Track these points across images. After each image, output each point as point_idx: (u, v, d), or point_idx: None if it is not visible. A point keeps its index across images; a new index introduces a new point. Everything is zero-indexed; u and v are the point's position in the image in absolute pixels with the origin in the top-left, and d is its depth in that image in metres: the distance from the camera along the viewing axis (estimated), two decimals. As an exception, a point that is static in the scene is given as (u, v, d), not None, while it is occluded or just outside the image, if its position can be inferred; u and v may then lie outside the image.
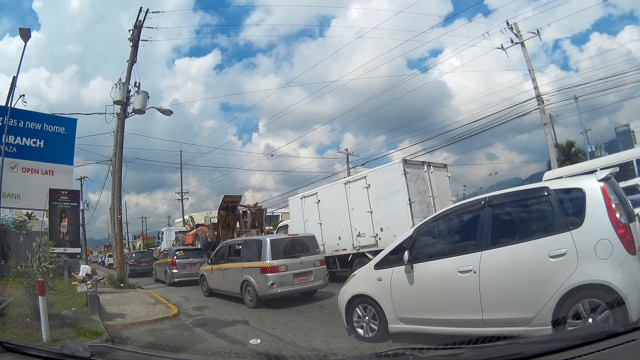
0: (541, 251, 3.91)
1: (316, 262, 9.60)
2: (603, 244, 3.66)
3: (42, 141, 16.67)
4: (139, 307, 9.90)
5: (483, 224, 4.45)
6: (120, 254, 16.67)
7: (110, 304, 10.34)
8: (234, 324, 7.37)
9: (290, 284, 8.99)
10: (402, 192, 10.00)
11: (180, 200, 40.12)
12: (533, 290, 3.88)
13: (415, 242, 4.96)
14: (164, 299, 11.48)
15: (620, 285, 3.49)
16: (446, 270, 4.54)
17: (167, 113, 17.93)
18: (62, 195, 14.71)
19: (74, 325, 6.75)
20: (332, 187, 12.79)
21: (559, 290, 3.70)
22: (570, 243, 3.77)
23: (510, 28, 21.60)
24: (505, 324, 3.98)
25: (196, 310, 9.40)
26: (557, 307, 3.70)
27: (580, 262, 3.69)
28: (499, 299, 4.12)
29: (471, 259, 4.32)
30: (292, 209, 14.30)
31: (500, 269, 4.16)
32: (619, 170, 4.86)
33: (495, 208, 4.46)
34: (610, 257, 3.61)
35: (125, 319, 8.44)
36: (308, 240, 10.14)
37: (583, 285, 3.64)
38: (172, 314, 8.86)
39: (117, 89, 16.25)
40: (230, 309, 9.15)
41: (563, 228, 3.89)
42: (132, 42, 17.28)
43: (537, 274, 3.90)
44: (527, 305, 3.88)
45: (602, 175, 3.98)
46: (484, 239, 4.37)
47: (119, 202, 16.48)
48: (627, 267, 3.57)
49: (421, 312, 4.77)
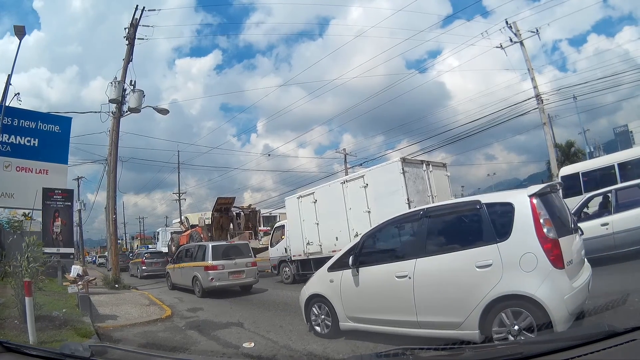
0: (469, 261, 4.13)
1: (248, 263, 12.12)
2: (528, 257, 3.82)
3: (37, 140, 16.48)
4: (132, 309, 9.71)
5: (419, 233, 4.85)
6: (115, 254, 16.46)
7: (104, 305, 10.15)
8: (228, 326, 7.19)
9: (226, 280, 11.57)
10: (401, 192, 9.80)
11: (178, 200, 39.94)
12: (461, 297, 4.10)
13: (362, 248, 5.35)
14: (158, 300, 11.30)
15: (544, 297, 3.64)
16: (386, 275, 4.86)
17: (163, 112, 17.76)
18: (56, 194, 14.52)
19: (63, 327, 6.58)
20: (329, 186, 12.57)
21: (485, 299, 3.90)
22: (497, 255, 3.97)
23: (509, 27, 21.52)
24: (437, 326, 4.31)
25: (190, 312, 9.22)
26: (483, 314, 3.91)
27: (505, 273, 3.88)
28: (431, 303, 4.39)
29: (407, 266, 4.63)
30: (289, 209, 14.10)
31: (432, 276, 4.44)
32: (563, 184, 5.00)
33: (431, 219, 4.77)
34: (534, 270, 3.77)
35: (117, 321, 8.25)
36: (243, 247, 12.87)
37: (507, 295, 3.83)
38: (165, 316, 8.67)
39: (113, 88, 16.10)
40: (225, 311, 9.00)
41: (491, 240, 4.08)
42: (128, 40, 17.12)
43: (465, 282, 4.13)
44: (456, 310, 4.11)
45: (533, 190, 4.14)
46: (419, 247, 4.72)
47: (113, 201, 16.29)
48: (552, 280, 3.72)
49: (366, 312, 5.13)
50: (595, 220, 7.96)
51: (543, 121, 20.50)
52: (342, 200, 11.43)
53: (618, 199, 7.85)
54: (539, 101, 20.59)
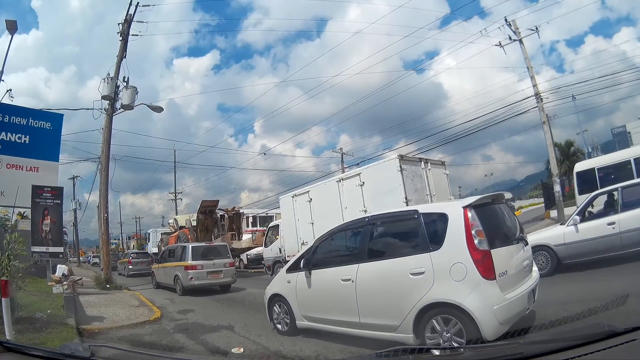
0: (404, 268, 4.31)
1: (226, 264, 12.76)
2: (458, 267, 3.94)
3: (28, 137, 16.03)
4: (121, 310, 9.41)
5: (363, 239, 5.10)
6: (107, 253, 16.14)
7: (92, 306, 9.87)
8: (218, 330, 6.89)
9: (205, 279, 12.21)
10: (399, 190, 9.55)
11: (174, 200, 39.61)
12: (397, 302, 4.29)
13: (315, 251, 5.72)
14: (148, 301, 11.00)
15: (471, 306, 3.75)
16: (333, 278, 5.12)
17: (157, 110, 17.49)
18: (45, 192, 14.14)
19: (44, 329, 6.29)
20: (325, 185, 12.32)
21: (417, 305, 4.08)
22: (429, 263, 4.12)
23: (508, 25, 21.16)
24: (377, 328, 4.51)
25: (180, 314, 8.92)
26: (416, 319, 4.09)
27: (436, 281, 4.03)
28: (371, 306, 4.61)
29: (351, 270, 4.87)
30: (283, 208, 13.86)
31: (372, 280, 4.67)
32: (511, 196, 5.23)
33: (374, 226, 5.06)
34: (464, 280, 3.88)
35: (104, 323, 7.95)
36: (221, 248, 13.62)
37: (437, 302, 3.99)
38: (153, 318, 8.38)
39: (105, 84, 15.78)
40: (216, 313, 8.71)
41: (425, 249, 4.26)
42: (122, 36, 16.80)
43: (400, 288, 4.32)
44: (393, 314, 4.31)
45: (468, 202, 4.30)
46: (362, 253, 4.99)
47: (105, 200, 15.95)
48: (481, 291, 3.82)
49: (317, 312, 5.44)
50: (601, 219, 7.69)
51: (542, 120, 20.12)
52: (338, 199, 11.16)
53: (624, 197, 7.59)
54: (538, 100, 20.34)
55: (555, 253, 7.88)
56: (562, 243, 7.82)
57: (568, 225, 7.94)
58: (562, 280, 7.47)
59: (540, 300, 4.77)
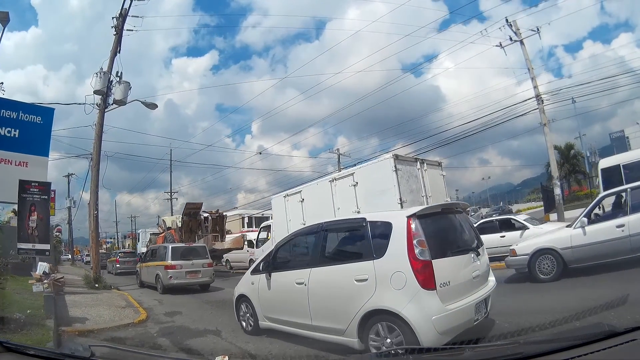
0: (350, 274, 4.42)
1: (204, 264, 13.32)
2: (398, 275, 4.01)
3: (17, 131, 15.48)
4: (106, 311, 9.05)
5: (316, 245, 5.26)
6: (96, 252, 15.75)
7: (76, 306, 9.52)
8: (204, 334, 6.54)
9: (184, 278, 12.76)
10: (393, 191, 9.26)
11: (170, 200, 39.18)
12: (344, 307, 4.39)
13: (275, 255, 5.90)
14: (136, 302, 10.68)
15: (409, 315, 3.82)
16: (289, 281, 5.28)
17: (151, 107, 17.11)
18: (33, 187, 13.71)
19: (19, 331, 5.93)
20: (317, 185, 12.03)
21: (360, 311, 4.17)
22: (372, 271, 4.21)
23: (509, 25, 20.96)
24: (327, 331, 4.62)
25: (167, 316, 8.59)
26: (360, 324, 4.19)
27: (378, 289, 4.12)
28: (321, 309, 4.75)
29: (304, 274, 5.03)
30: (275, 209, 13.58)
31: (322, 285, 4.81)
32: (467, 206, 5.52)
33: (326, 232, 5.19)
34: (403, 289, 3.94)
35: (85, 325, 7.59)
36: (200, 249, 14.21)
37: (378, 309, 4.08)
38: (138, 320, 8.03)
39: (98, 79, 15.42)
40: (204, 316, 8.39)
41: (369, 257, 4.35)
42: (116, 30, 16.43)
43: (346, 294, 4.42)
44: (340, 318, 4.41)
45: (412, 211, 4.32)
46: (314, 258, 5.15)
47: (95, 197, 15.55)
48: (419, 300, 3.87)
49: (277, 313, 5.59)
50: (610, 221, 7.33)
51: (543, 122, 19.86)
52: (331, 200, 10.84)
53: (633, 199, 7.21)
54: (539, 101, 20.09)
55: (561, 257, 7.51)
56: (569, 246, 7.45)
57: (575, 227, 7.55)
58: (566, 286, 7.15)
59: (531, 309, 4.82)
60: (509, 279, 8.54)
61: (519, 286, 7.95)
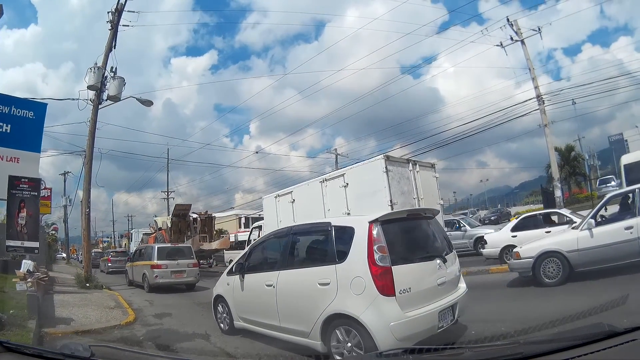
0: (314, 278, 4.47)
1: (189, 264, 13.76)
2: (358, 281, 4.03)
3: (9, 126, 15.16)
4: (94, 311, 8.77)
5: (285, 248, 5.34)
6: (88, 251, 15.46)
7: (64, 306, 9.24)
8: (192, 339, 6.26)
9: (169, 278, 13.15)
10: (384, 192, 9.10)
11: (166, 199, 38.88)
12: (308, 310, 4.45)
13: (249, 257, 6.04)
14: (125, 303, 10.39)
15: (367, 320, 3.84)
16: (260, 283, 5.35)
17: (147, 104, 16.82)
18: (22, 183, 13.39)
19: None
20: (308, 185, 11.87)
21: (323, 314, 4.23)
22: (334, 275, 4.25)
23: (510, 25, 20.71)
24: (293, 333, 4.69)
25: (156, 318, 8.32)
26: (323, 327, 4.24)
27: (339, 293, 4.16)
28: (288, 311, 4.83)
29: (273, 276, 5.11)
30: (266, 209, 13.48)
31: (289, 287, 4.88)
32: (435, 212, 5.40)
33: (295, 236, 5.33)
34: (362, 294, 3.96)
35: (70, 326, 7.30)
36: (185, 249, 14.62)
37: (339, 314, 4.12)
38: (125, 322, 7.75)
39: (92, 74, 15.12)
40: (194, 318, 8.10)
41: (332, 261, 4.39)
42: (112, 25, 16.14)
43: (310, 297, 4.48)
44: (305, 321, 4.47)
45: (374, 216, 4.30)
46: (283, 261, 5.24)
47: (88, 194, 15.24)
48: (378, 306, 3.87)
49: (249, 314, 5.67)
50: (618, 223, 7.03)
51: (544, 123, 19.58)
52: (321, 201, 10.67)
53: None
54: (539, 102, 19.83)
55: (567, 260, 7.17)
56: (575, 249, 7.11)
57: (582, 229, 7.23)
58: (572, 291, 6.83)
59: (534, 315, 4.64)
60: (511, 283, 8.29)
61: (523, 291, 7.66)
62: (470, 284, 9.42)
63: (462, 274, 5.19)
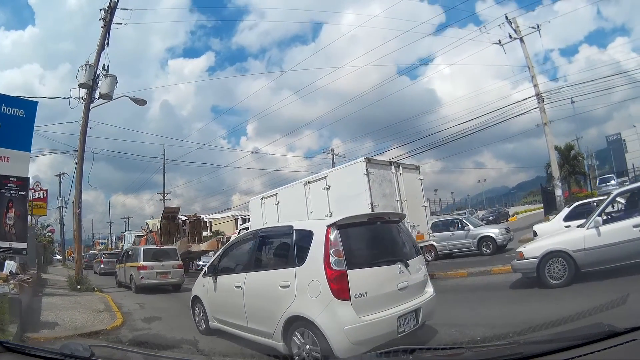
0: (276, 280, 4.54)
1: (175, 265, 14.07)
2: (314, 284, 4.08)
3: (-1, 124, 15.02)
4: (80, 315, 8.42)
5: (252, 250, 5.44)
6: (79, 252, 15.14)
7: (51, 309, 8.91)
8: (180, 345, 5.88)
9: (154, 279, 13.47)
10: (364, 195, 9.11)
11: (163, 200, 38.54)
12: (271, 311, 4.49)
13: (221, 259, 6.19)
14: (115, 306, 10.06)
15: (322, 323, 3.88)
16: (230, 284, 5.46)
17: (140, 103, 16.52)
18: (10, 182, 13.07)
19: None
20: (292, 187, 11.95)
21: (283, 316, 4.27)
22: (294, 278, 4.30)
23: (509, 22, 20.40)
24: (258, 334, 4.77)
25: (144, 322, 7.96)
26: (284, 329, 4.28)
27: (298, 296, 4.21)
28: (254, 312, 4.92)
29: (241, 278, 5.22)
30: (252, 210, 13.69)
31: (254, 289, 4.97)
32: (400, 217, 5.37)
33: (261, 239, 5.41)
34: (318, 297, 4.01)
35: (54, 331, 6.97)
36: (171, 251, 14.96)
37: (297, 316, 4.16)
38: (111, 327, 7.36)
39: (84, 72, 14.80)
40: (185, 323, 7.53)
41: (292, 264, 4.45)
42: (104, 23, 15.82)
43: (273, 299, 4.53)
44: (268, 322, 4.52)
45: (332, 220, 4.37)
46: (249, 263, 5.37)
47: (79, 194, 14.93)
48: (332, 310, 3.90)
49: (222, 314, 5.78)
50: (626, 221, 6.70)
51: (544, 121, 19.34)
52: (304, 203, 10.71)
53: None
54: (539, 100, 19.59)
55: (573, 260, 6.80)
56: (582, 248, 6.77)
57: (588, 227, 6.88)
58: (578, 292, 6.47)
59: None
60: (514, 284, 8.02)
61: (525, 293, 7.36)
62: (470, 285, 9.29)
63: (429, 277, 5.11)
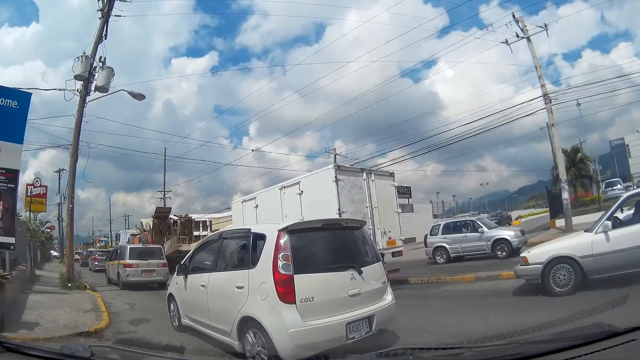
0: (233, 281, 4.70)
1: (159, 264, 14.63)
2: (264, 286, 4.19)
3: (-9, 115, 14.61)
4: (65, 315, 7.92)
5: (216, 251, 5.60)
6: (70, 249, 14.77)
7: (35, 308, 8.41)
8: (165, 351, 5.42)
9: (140, 276, 14.11)
10: (333, 201, 9.24)
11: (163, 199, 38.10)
12: (228, 310, 4.62)
13: (191, 259, 6.33)
14: (104, 306, 9.59)
15: (269, 325, 4.00)
16: (197, 283, 5.62)
17: (138, 97, 16.14)
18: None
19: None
20: (269, 192, 12.15)
21: (237, 316, 4.42)
22: (247, 280, 4.45)
23: (516, 21, 19.57)
24: (219, 332, 4.91)
25: (131, 325, 7.58)
26: (238, 328, 4.42)
27: (250, 297, 4.34)
28: (215, 311, 5.08)
29: (206, 277, 5.42)
30: (234, 213, 13.91)
31: (216, 289, 5.16)
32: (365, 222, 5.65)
33: (224, 240, 5.57)
34: (266, 300, 4.12)
35: (34, 331, 6.50)
36: (156, 250, 15.79)
37: (248, 317, 4.29)
38: (95, 329, 6.89)
39: (80, 63, 14.40)
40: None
41: (247, 266, 4.62)
42: (102, 14, 15.42)
43: (229, 299, 4.67)
44: (226, 321, 4.65)
45: (284, 225, 4.45)
46: (213, 263, 5.57)
47: (72, 189, 14.59)
48: (278, 313, 3.99)
49: (191, 312, 5.92)
50: (636, 225, 6.29)
51: (551, 122, 18.75)
52: (280, 207, 10.93)
53: None
54: (546, 100, 19.06)
55: (580, 266, 6.42)
56: (590, 254, 6.36)
57: (597, 232, 6.48)
58: (585, 300, 5.99)
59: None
60: (517, 291, 7.55)
61: (527, 300, 6.95)
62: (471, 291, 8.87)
63: (389, 284, 5.08)
